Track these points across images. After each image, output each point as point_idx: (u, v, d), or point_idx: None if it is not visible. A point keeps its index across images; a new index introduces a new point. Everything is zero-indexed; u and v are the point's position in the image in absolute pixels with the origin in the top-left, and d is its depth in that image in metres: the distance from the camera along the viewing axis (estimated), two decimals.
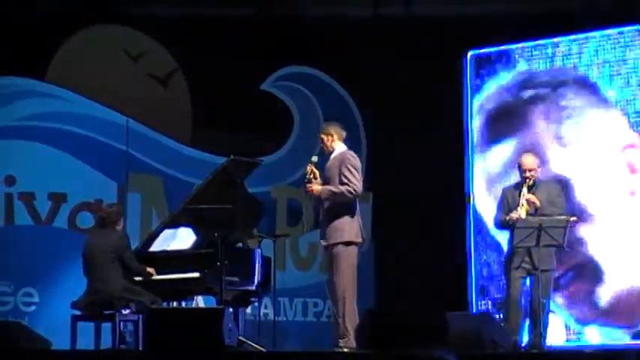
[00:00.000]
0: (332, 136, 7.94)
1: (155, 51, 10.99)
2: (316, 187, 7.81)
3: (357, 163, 7.85)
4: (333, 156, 7.92)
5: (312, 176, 7.89)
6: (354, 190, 7.73)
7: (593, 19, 9.97)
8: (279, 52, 11.07)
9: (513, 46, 10.55)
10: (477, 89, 10.60)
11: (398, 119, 10.87)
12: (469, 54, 10.75)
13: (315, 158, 7.98)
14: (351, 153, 7.91)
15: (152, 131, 10.85)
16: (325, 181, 7.88)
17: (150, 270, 8.40)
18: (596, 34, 10.01)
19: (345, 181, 7.73)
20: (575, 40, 10.09)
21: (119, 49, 10.92)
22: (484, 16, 10.56)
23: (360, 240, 7.79)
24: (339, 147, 7.95)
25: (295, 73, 11.27)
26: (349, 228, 7.73)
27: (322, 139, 7.98)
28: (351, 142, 8.18)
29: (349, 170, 7.75)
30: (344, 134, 8.00)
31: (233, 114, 10.78)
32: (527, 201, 8.39)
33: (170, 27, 10.86)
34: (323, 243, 7.83)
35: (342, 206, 7.75)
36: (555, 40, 10.28)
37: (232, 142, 10.10)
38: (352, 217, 7.76)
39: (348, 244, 7.72)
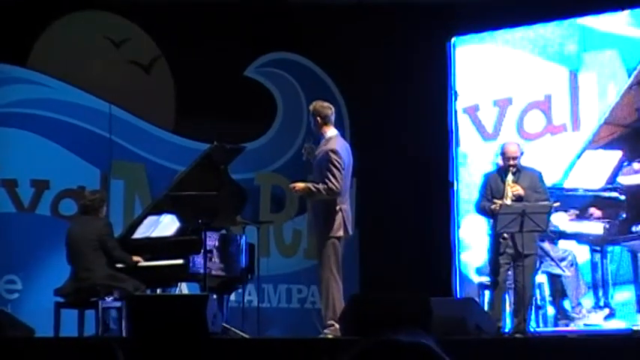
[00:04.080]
0: (317, 120, 7.93)
1: (138, 37, 10.94)
2: (299, 184, 7.85)
3: (338, 159, 7.81)
4: (322, 142, 7.92)
5: (307, 156, 7.94)
6: (332, 189, 7.76)
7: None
8: (262, 38, 11.04)
9: (497, 32, 10.54)
10: None
11: (382, 106, 10.87)
12: (452, 40, 10.75)
13: (309, 144, 8.02)
14: (333, 147, 7.85)
15: (135, 118, 10.81)
16: (315, 169, 7.92)
17: (136, 258, 8.39)
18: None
19: (325, 180, 7.76)
20: None
21: (102, 36, 10.87)
22: (468, 2, 10.55)
23: (342, 234, 7.82)
24: (328, 132, 7.94)
25: (279, 59, 11.25)
26: (333, 222, 7.77)
27: (311, 122, 7.99)
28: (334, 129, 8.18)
29: (328, 169, 7.78)
30: (330, 114, 7.96)
31: (216, 100, 10.76)
32: (513, 193, 8.39)
33: (153, 13, 10.81)
34: (310, 235, 7.89)
35: (324, 202, 7.78)
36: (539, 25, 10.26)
37: (216, 129, 10.09)
38: (332, 212, 7.78)
39: (331, 237, 7.76)
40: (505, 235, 8.26)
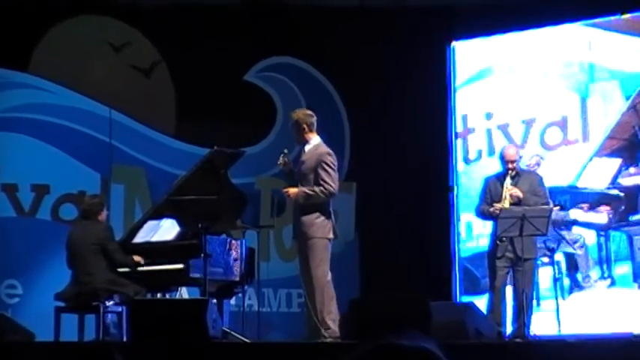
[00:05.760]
0: (303, 128, 7.96)
1: (138, 42, 10.96)
2: (292, 190, 7.85)
3: (334, 162, 7.87)
4: (308, 149, 7.93)
5: (284, 167, 7.96)
6: (329, 191, 7.78)
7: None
8: (262, 42, 11.05)
9: (497, 36, 10.63)
10: None
11: (382, 109, 10.88)
12: (453, 44, 10.79)
13: (286, 150, 8.05)
14: (328, 150, 7.92)
15: (135, 122, 10.82)
16: (300, 174, 7.90)
17: (137, 259, 8.38)
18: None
19: (321, 182, 7.76)
20: None
21: (102, 40, 10.88)
22: (468, 6, 10.57)
23: (331, 236, 7.83)
24: (313, 139, 7.97)
25: (278, 63, 11.25)
26: (321, 224, 7.76)
27: (293, 131, 8.02)
28: (334, 133, 8.19)
29: (325, 170, 7.78)
30: (314, 121, 8.00)
31: (216, 105, 10.76)
32: (511, 195, 8.43)
33: (153, 18, 10.82)
34: (295, 239, 7.89)
35: (316, 204, 7.78)
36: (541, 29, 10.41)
37: (216, 133, 10.08)
38: (325, 213, 7.79)
39: (323, 239, 7.75)
40: (503, 238, 8.29)
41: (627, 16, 9.98)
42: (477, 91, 10.73)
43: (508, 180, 8.54)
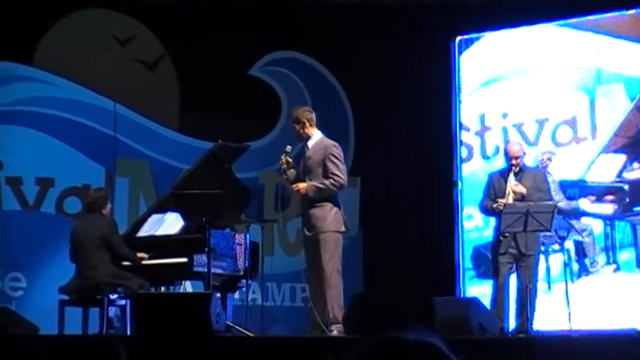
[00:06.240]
0: (303, 123, 7.95)
1: (143, 36, 10.96)
2: (302, 185, 7.83)
3: (340, 153, 7.87)
4: (312, 144, 7.92)
5: (286, 166, 7.94)
6: (340, 183, 7.78)
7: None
8: (267, 37, 11.05)
9: (501, 31, 10.71)
10: None
11: (386, 104, 10.87)
12: (457, 39, 10.81)
13: (288, 148, 8.03)
14: (333, 143, 7.92)
15: (140, 116, 10.83)
16: (305, 170, 7.90)
17: (140, 255, 8.39)
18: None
19: (330, 175, 7.76)
20: None
21: (107, 34, 10.88)
22: (472, 2, 10.57)
23: (343, 229, 7.82)
24: (315, 134, 7.96)
25: (283, 58, 11.25)
26: (334, 217, 7.76)
27: (294, 128, 8.01)
28: (338, 128, 8.19)
29: (333, 162, 7.77)
30: (314, 117, 8.00)
31: (221, 99, 10.77)
32: (514, 192, 8.44)
33: (158, 12, 10.82)
34: (307, 233, 7.85)
35: (326, 197, 7.78)
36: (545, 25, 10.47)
37: (220, 127, 10.09)
38: (336, 206, 7.79)
39: (335, 232, 7.75)
40: (506, 234, 8.29)
41: (632, 12, 10.07)
42: (494, 92, 11.07)
43: (512, 176, 8.55)
